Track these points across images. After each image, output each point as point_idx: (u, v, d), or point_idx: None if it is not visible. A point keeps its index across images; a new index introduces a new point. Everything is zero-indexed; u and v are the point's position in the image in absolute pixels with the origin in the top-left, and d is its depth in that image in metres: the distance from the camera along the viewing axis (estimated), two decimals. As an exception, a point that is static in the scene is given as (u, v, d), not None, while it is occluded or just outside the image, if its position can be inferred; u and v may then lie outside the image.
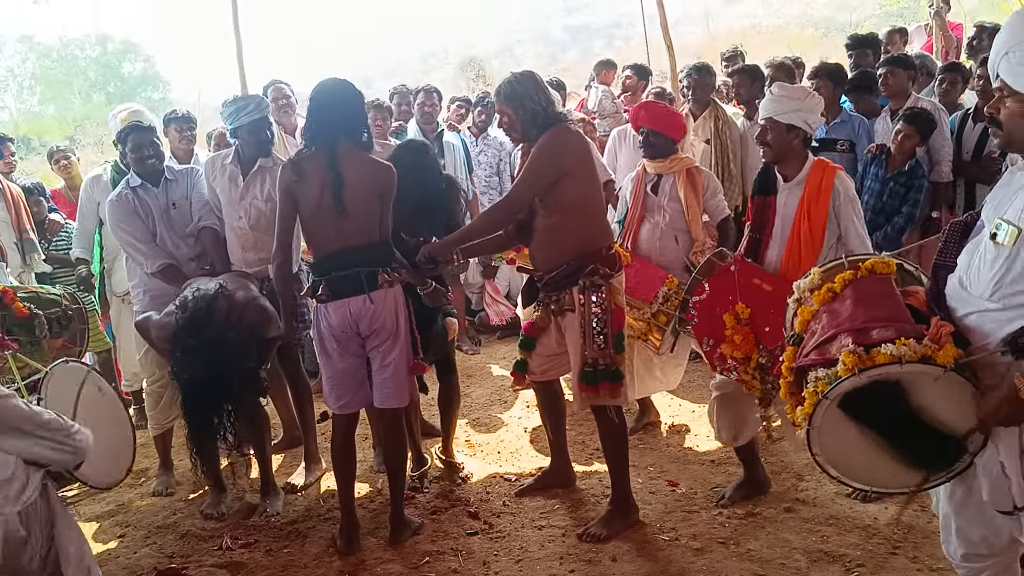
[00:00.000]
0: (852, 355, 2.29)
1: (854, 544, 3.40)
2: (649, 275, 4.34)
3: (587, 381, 3.59)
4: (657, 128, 4.45)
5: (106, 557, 3.88)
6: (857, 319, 2.46)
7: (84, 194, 5.27)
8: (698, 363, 5.88)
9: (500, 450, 4.83)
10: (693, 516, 3.78)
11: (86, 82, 30.58)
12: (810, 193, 3.60)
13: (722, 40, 21.46)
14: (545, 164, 3.52)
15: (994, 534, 2.37)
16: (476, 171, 7.06)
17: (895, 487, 2.49)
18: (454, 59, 29.18)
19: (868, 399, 2.32)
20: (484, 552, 3.62)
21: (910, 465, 2.37)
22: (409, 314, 3.68)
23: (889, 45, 7.10)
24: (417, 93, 6.80)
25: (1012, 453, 2.23)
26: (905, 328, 2.35)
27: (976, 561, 2.44)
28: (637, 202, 4.57)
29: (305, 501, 4.32)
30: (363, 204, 3.52)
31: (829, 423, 2.37)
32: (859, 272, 2.61)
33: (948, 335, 2.27)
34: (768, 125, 3.63)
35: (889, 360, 2.26)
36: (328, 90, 3.62)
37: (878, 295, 2.54)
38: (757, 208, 3.79)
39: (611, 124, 7.22)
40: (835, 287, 2.61)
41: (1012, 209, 2.21)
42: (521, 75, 3.65)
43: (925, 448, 2.34)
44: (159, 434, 4.63)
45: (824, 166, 3.66)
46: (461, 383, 5.92)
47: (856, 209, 3.62)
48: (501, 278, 7.37)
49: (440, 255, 3.68)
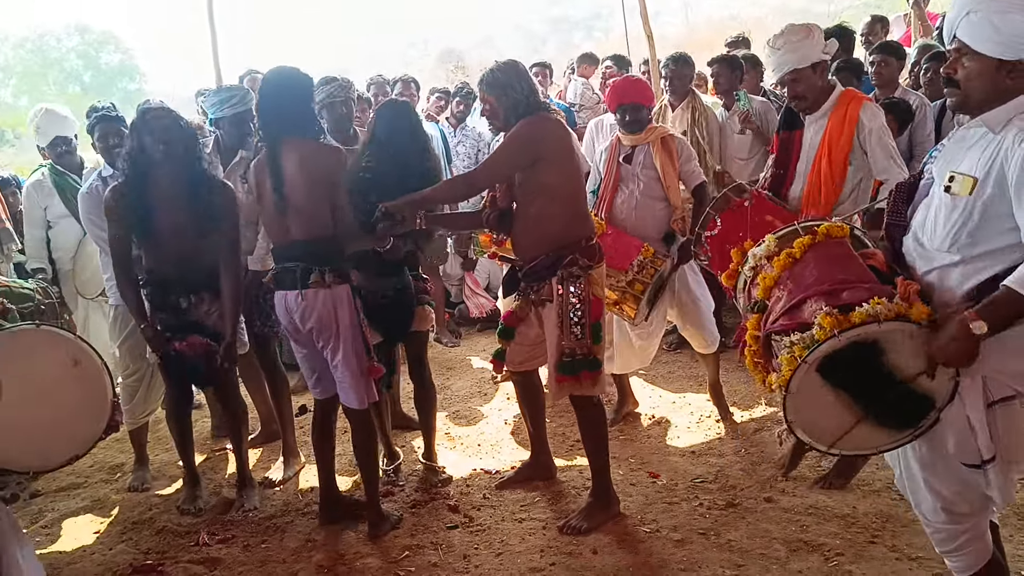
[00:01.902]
0: (829, 317, 2.30)
1: (833, 533, 3.41)
2: (624, 244, 4.35)
3: (565, 371, 3.58)
4: (636, 100, 4.46)
5: (81, 554, 3.83)
6: (824, 282, 2.48)
7: (28, 202, 5.19)
8: (677, 354, 5.91)
9: (480, 443, 4.81)
10: (674, 507, 3.78)
11: (61, 73, 30.22)
12: (833, 126, 3.54)
13: (702, 31, 21.49)
14: (518, 148, 3.53)
15: (965, 487, 2.39)
16: (455, 162, 7.04)
17: (865, 449, 2.52)
18: (433, 51, 29.08)
19: (844, 361, 2.33)
20: (464, 545, 3.60)
21: (881, 426, 2.39)
22: (359, 318, 3.59)
23: (870, 35, 7.10)
24: (395, 83, 6.76)
25: (978, 406, 2.27)
26: (875, 288, 2.38)
27: (954, 521, 2.45)
28: (611, 172, 4.59)
29: (283, 495, 4.28)
30: (304, 196, 3.48)
31: (806, 388, 2.37)
32: (816, 237, 2.63)
33: (916, 293, 2.31)
34: (794, 77, 3.57)
35: (866, 319, 2.27)
36: (272, 81, 3.59)
37: (839, 258, 2.58)
38: (782, 143, 3.78)
39: (590, 116, 7.22)
40: (794, 252, 2.63)
41: (966, 162, 2.26)
42: (505, 64, 3.64)
43: (897, 408, 2.36)
44: (134, 429, 4.57)
45: (851, 97, 3.57)
46: (441, 376, 5.92)
47: (882, 139, 3.52)
48: (481, 271, 7.36)
49: (397, 211, 3.52)
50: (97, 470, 4.82)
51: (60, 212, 5.15)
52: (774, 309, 2.58)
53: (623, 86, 4.65)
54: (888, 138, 3.52)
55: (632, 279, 4.30)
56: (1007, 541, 3.12)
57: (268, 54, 24.98)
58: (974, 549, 2.48)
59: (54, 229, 5.17)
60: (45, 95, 28.04)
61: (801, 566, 3.20)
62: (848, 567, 3.15)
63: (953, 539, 2.48)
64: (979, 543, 2.48)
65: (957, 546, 2.48)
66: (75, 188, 5.06)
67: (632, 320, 4.40)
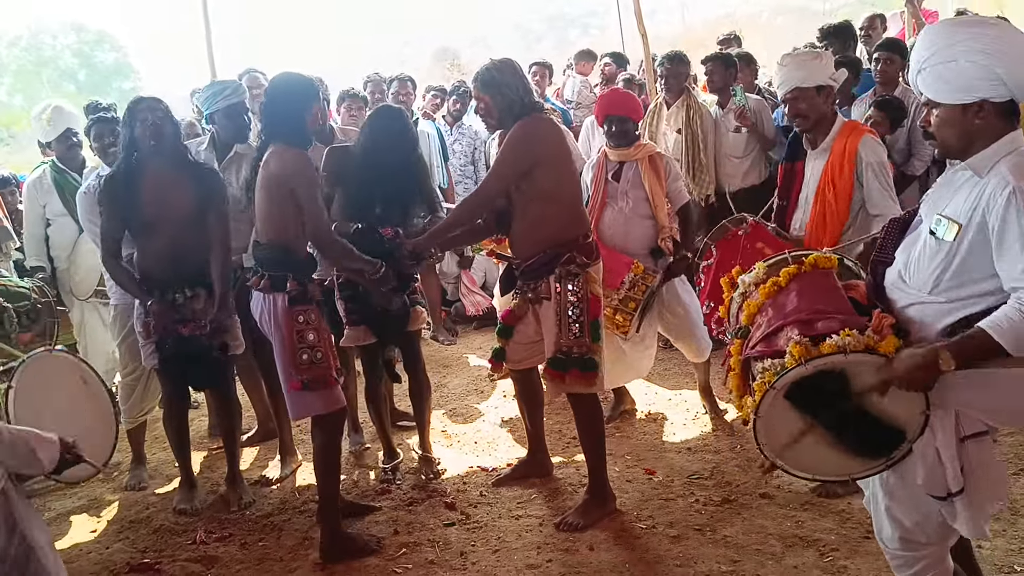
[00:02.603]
0: (799, 346, 2.35)
1: (829, 529, 3.42)
2: (615, 262, 4.33)
3: (556, 367, 3.59)
4: (623, 113, 4.44)
5: (78, 553, 3.83)
6: (802, 311, 2.52)
7: (28, 199, 5.20)
8: (673, 352, 5.91)
9: (477, 440, 4.82)
10: (670, 504, 3.79)
11: (56, 71, 30.15)
12: (834, 159, 3.56)
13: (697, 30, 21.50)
14: (516, 154, 3.53)
15: (925, 519, 2.42)
16: (451, 160, 7.04)
17: (839, 475, 2.55)
18: (428, 48, 29.03)
19: (813, 389, 2.37)
20: (461, 543, 3.61)
21: (853, 454, 2.43)
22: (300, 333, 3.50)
23: (870, 30, 7.11)
24: (391, 82, 6.76)
25: (948, 439, 2.29)
26: (849, 319, 2.41)
27: (911, 549, 2.48)
28: (598, 189, 4.56)
29: (280, 494, 4.29)
30: (262, 200, 3.52)
31: (775, 413, 2.41)
32: (803, 267, 2.67)
33: (889, 326, 2.35)
34: (797, 95, 3.58)
35: (834, 350, 2.31)
36: (272, 85, 3.64)
37: (822, 288, 2.61)
38: (784, 174, 3.82)
39: (587, 113, 7.23)
40: (780, 281, 2.68)
41: (952, 205, 2.28)
42: (500, 62, 3.63)
43: (869, 437, 2.40)
44: (132, 427, 4.58)
45: (851, 129, 3.60)
46: (438, 374, 5.94)
47: (878, 175, 3.54)
48: (477, 268, 7.36)
49: (424, 250, 3.74)
50: (94, 469, 4.81)
51: (58, 210, 5.15)
52: (755, 335, 2.62)
53: (612, 97, 4.63)
54: (884, 174, 3.55)
55: (625, 296, 4.29)
56: (999, 536, 3.15)
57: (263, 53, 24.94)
58: (933, 575, 2.50)
59: (52, 227, 5.17)
60: (39, 94, 27.95)
61: (796, 561, 3.22)
62: (843, 562, 3.17)
63: (910, 565, 2.51)
64: (938, 568, 2.49)
65: (914, 572, 2.50)
66: (74, 187, 5.06)
67: (625, 335, 4.40)
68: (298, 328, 3.48)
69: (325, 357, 3.52)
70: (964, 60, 2.21)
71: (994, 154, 2.22)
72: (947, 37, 2.27)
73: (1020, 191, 2.10)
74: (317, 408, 3.54)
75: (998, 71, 2.18)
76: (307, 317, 3.51)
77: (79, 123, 5.25)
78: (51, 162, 5.20)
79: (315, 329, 3.52)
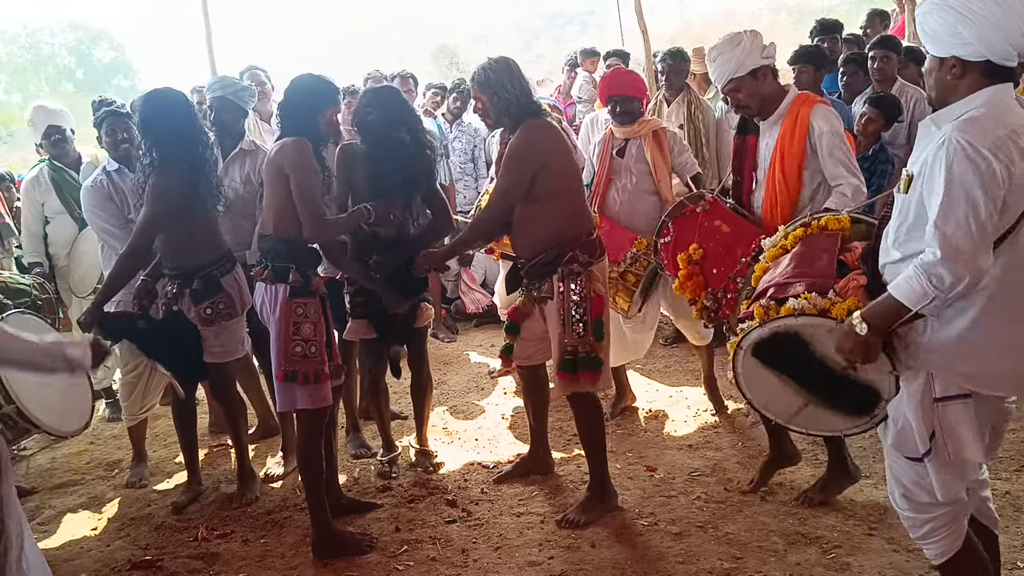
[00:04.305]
0: (761, 308, 2.52)
1: (831, 526, 3.42)
2: (618, 236, 4.36)
3: (566, 369, 3.59)
4: (626, 92, 4.48)
5: (79, 550, 3.82)
6: (786, 274, 2.64)
7: (26, 196, 5.21)
8: (674, 348, 5.92)
9: (478, 437, 4.82)
10: (671, 501, 3.79)
11: (54, 69, 30.12)
12: (784, 132, 3.49)
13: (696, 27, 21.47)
14: (518, 169, 3.55)
15: (921, 479, 2.43)
16: (452, 158, 7.03)
17: (824, 430, 2.71)
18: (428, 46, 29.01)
19: (777, 349, 2.52)
20: (462, 540, 3.61)
21: (835, 410, 2.56)
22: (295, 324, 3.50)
23: (869, 28, 7.10)
24: (393, 79, 6.74)
25: (915, 402, 2.34)
26: (817, 283, 2.51)
27: (918, 510, 2.49)
28: (603, 165, 4.60)
29: (282, 491, 4.28)
30: (267, 191, 3.59)
31: (749, 370, 2.61)
32: (810, 229, 2.74)
33: (857, 288, 2.45)
34: (735, 86, 3.51)
35: (789, 313, 2.45)
36: (290, 85, 3.65)
37: (815, 251, 2.71)
38: (736, 149, 3.77)
39: (589, 109, 7.23)
40: (787, 244, 2.76)
41: (912, 158, 2.34)
42: (496, 62, 3.62)
43: (846, 395, 2.51)
44: (133, 425, 4.56)
45: (803, 101, 3.50)
46: (438, 371, 5.93)
47: (835, 145, 3.41)
48: (477, 266, 7.36)
49: (441, 264, 3.98)
50: (95, 467, 4.82)
51: (56, 208, 5.15)
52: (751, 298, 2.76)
53: (614, 77, 4.65)
54: (840, 143, 3.43)
55: (624, 271, 4.32)
56: (1003, 532, 3.13)
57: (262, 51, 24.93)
58: (944, 537, 2.49)
59: (51, 224, 5.17)
60: (37, 92, 27.93)
61: (799, 558, 3.21)
62: (846, 559, 3.17)
63: (918, 527, 2.52)
64: (948, 531, 2.48)
65: (924, 533, 2.51)
66: (72, 184, 5.05)
67: (626, 313, 4.41)
68: (295, 319, 3.49)
69: (319, 352, 3.52)
70: (937, 15, 2.24)
71: (958, 109, 2.24)
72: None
73: (949, 142, 2.13)
74: (303, 402, 3.54)
75: (961, 30, 2.19)
76: (306, 310, 3.51)
77: (65, 120, 5.24)
78: (47, 160, 5.19)
79: (313, 323, 3.52)
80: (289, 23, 35.05)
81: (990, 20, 2.17)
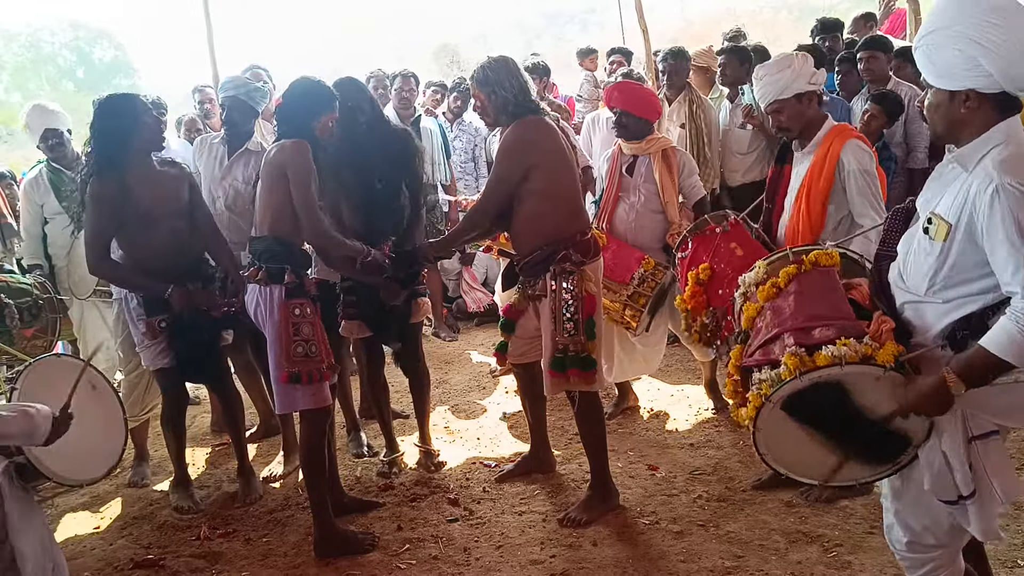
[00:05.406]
0: (794, 357, 2.30)
1: (832, 524, 3.42)
2: (626, 256, 4.34)
3: (556, 367, 3.59)
4: (630, 110, 4.42)
5: (81, 549, 3.83)
6: (799, 317, 2.47)
7: (25, 199, 5.19)
8: (676, 348, 5.91)
9: (479, 436, 4.83)
10: (673, 500, 3.80)
11: (54, 69, 30.11)
12: (816, 164, 3.45)
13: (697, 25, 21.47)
14: (511, 161, 3.56)
15: (934, 523, 2.39)
16: (452, 156, 7.02)
17: (843, 480, 2.51)
18: (428, 46, 29.00)
19: (811, 400, 2.33)
20: (464, 539, 3.62)
21: (856, 460, 2.40)
22: (292, 326, 3.50)
23: (855, 33, 7.09)
24: (394, 78, 6.74)
25: (956, 443, 2.25)
26: (846, 326, 2.36)
27: (921, 551, 2.45)
28: (612, 183, 4.58)
29: (284, 490, 4.29)
30: (262, 192, 3.60)
31: (773, 424, 2.39)
32: (802, 266, 2.60)
33: (889, 332, 2.28)
34: (778, 107, 3.47)
35: (829, 362, 2.26)
36: (288, 89, 3.67)
37: (821, 290, 2.54)
38: (772, 177, 3.74)
39: (590, 108, 7.21)
40: (779, 282, 2.60)
41: (943, 203, 2.22)
42: (495, 61, 3.63)
43: (870, 443, 2.37)
44: (135, 425, 4.56)
45: (837, 133, 3.45)
46: (440, 370, 5.94)
47: (864, 184, 3.38)
48: (478, 265, 7.36)
49: (437, 255, 4.10)
50: (96, 466, 4.81)
51: (55, 209, 5.14)
52: (753, 342, 2.58)
53: (628, 92, 4.52)
54: (869, 183, 3.39)
55: (634, 292, 4.28)
56: (1003, 530, 3.13)
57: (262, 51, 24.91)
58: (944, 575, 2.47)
59: (50, 225, 5.16)
60: (38, 91, 27.92)
61: (800, 557, 3.22)
62: (847, 557, 3.17)
63: (919, 567, 2.48)
64: (948, 568, 2.46)
65: (923, 573, 2.47)
66: (70, 185, 5.05)
67: (634, 331, 4.40)
68: (294, 320, 3.49)
69: (319, 352, 3.53)
70: (952, 47, 2.14)
71: (981, 147, 2.15)
72: (950, 18, 2.16)
73: (1002, 189, 2.03)
74: (304, 403, 3.55)
75: (982, 63, 2.09)
76: (303, 310, 3.52)
77: (62, 122, 5.22)
78: (46, 161, 5.18)
79: (310, 323, 3.53)
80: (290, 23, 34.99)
81: (1015, 51, 2.09)
